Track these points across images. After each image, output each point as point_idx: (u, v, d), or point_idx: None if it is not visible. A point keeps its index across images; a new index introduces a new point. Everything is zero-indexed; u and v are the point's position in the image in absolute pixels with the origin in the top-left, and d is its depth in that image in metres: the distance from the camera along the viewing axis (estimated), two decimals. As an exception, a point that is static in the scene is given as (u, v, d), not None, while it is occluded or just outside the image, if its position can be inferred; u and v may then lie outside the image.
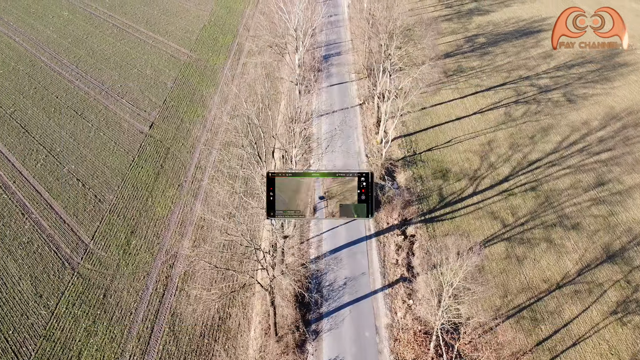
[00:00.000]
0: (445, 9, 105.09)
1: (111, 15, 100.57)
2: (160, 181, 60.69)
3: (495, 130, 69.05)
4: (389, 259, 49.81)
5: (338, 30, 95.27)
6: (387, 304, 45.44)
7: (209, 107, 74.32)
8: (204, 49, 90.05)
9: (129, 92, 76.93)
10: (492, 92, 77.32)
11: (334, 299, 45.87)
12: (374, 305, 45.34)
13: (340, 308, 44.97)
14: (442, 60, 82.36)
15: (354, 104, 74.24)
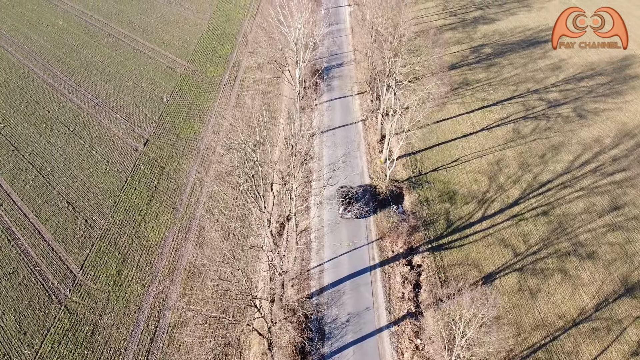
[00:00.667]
0: (449, 18, 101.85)
1: (107, 24, 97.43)
2: (154, 204, 57.57)
3: (503, 148, 65.87)
4: (394, 292, 46.69)
5: (340, 41, 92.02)
6: (393, 344, 42.34)
7: (205, 123, 71.16)
8: (202, 59, 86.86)
9: (124, 106, 73.80)
10: (500, 107, 74.10)
11: (337, 337, 42.77)
12: (379, 346, 42.24)
13: (344, 348, 41.87)
14: (447, 72, 79.12)
15: (357, 120, 71.05)
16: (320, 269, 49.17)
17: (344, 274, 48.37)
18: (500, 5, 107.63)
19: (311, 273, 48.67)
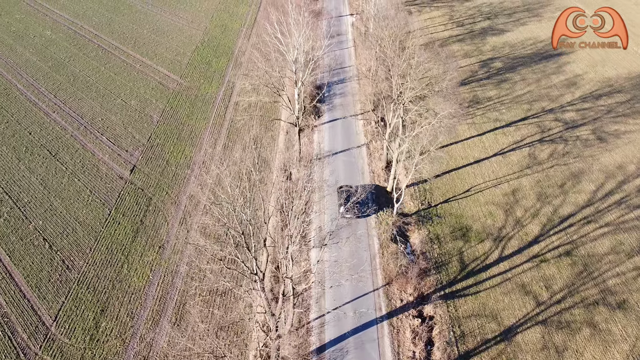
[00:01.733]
0: (456, 28, 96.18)
1: (97, 34, 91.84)
2: (139, 241, 52.05)
3: (519, 176, 60.31)
4: (404, 352, 41.20)
5: (341, 54, 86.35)
6: (403, 417, 36.89)
7: (197, 146, 65.61)
8: (196, 74, 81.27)
9: (111, 127, 68.27)
10: (513, 129, 68.52)
11: (340, 409, 37.36)
12: (388, 419, 36.81)
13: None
14: (456, 89, 73.50)
15: (360, 144, 65.45)
16: (320, 321, 43.67)
17: (348, 328, 42.86)
18: (509, 14, 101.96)
19: (311, 326, 43.20)
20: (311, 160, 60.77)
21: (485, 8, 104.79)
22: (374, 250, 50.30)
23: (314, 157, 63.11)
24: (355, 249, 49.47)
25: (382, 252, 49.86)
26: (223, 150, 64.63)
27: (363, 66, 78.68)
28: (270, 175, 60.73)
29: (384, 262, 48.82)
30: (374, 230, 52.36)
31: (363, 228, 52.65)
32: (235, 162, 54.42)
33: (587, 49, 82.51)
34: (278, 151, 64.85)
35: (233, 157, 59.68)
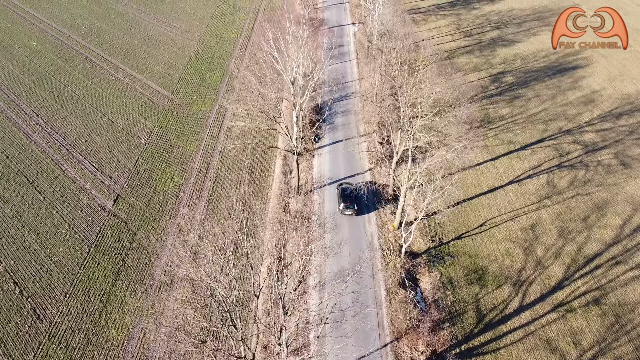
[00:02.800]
0: (464, 39, 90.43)
1: (85, 45, 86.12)
2: (120, 286, 46.49)
3: (538, 207, 54.73)
4: None
5: (343, 68, 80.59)
6: None
7: (187, 172, 59.98)
8: (188, 90, 75.60)
9: (95, 150, 62.66)
10: (529, 152, 62.90)
11: None
12: None
13: None
14: (467, 107, 67.86)
15: (364, 169, 59.81)
16: (321, 387, 38.16)
17: (352, 396, 37.37)
18: (519, 24, 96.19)
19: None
20: (310, 218, 55.00)
21: (493, 17, 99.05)
22: (380, 298, 44.74)
23: (314, 186, 57.51)
24: (358, 293, 43.83)
25: (390, 300, 44.27)
26: (212, 188, 58.97)
27: (366, 81, 73.01)
28: (266, 207, 55.11)
29: (392, 312, 43.25)
30: (380, 273, 46.77)
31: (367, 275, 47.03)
32: (222, 212, 48.94)
33: (586, 49, 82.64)
34: (275, 177, 59.24)
35: (220, 209, 53.88)
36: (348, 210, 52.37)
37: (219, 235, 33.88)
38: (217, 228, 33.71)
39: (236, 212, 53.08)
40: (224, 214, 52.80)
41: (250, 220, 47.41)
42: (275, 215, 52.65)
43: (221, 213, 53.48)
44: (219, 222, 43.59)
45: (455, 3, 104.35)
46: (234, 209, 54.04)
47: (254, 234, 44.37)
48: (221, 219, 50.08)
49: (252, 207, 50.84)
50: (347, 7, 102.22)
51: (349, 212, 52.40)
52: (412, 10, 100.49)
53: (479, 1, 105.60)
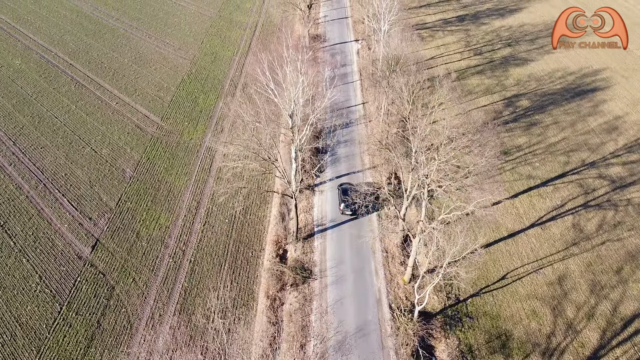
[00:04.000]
0: (474, 57, 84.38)
1: (71, 64, 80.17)
2: (93, 354, 40.36)
3: (564, 256, 48.59)
4: None
5: (346, 90, 74.50)
6: None
7: (175, 213, 53.87)
8: (179, 115, 69.57)
9: (75, 185, 56.67)
10: (551, 189, 56.77)
11: None
12: None
13: None
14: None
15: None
16: None
17: None
18: (532, 40, 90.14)
19: None
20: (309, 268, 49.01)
21: (504, 32, 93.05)
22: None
23: (315, 229, 51.38)
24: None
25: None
26: (202, 232, 52.91)
27: (371, 105, 66.94)
28: (261, 255, 48.95)
29: (404, 390, 37.17)
30: (389, 339, 40.64)
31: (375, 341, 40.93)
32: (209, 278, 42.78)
33: (587, 49, 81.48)
34: (271, 219, 53.11)
35: (210, 262, 47.93)
36: (348, 210, 52.08)
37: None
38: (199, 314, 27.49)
39: (223, 280, 47.07)
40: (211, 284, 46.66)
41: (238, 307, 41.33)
42: (271, 267, 46.46)
43: (209, 279, 47.39)
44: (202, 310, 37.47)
45: (463, 18, 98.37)
46: (221, 280, 47.99)
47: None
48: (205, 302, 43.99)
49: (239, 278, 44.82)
50: (350, 22, 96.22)
51: (350, 211, 52.13)
52: (418, 25, 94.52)
53: (488, 16, 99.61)
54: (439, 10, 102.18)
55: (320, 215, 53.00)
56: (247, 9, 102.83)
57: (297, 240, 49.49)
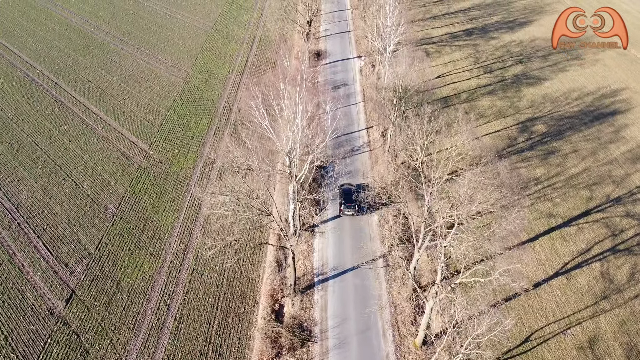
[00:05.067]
0: (484, 76, 78.78)
1: (57, 83, 74.68)
2: None
3: (594, 313, 43.02)
4: None
5: (348, 112, 68.88)
6: None
7: (161, 257, 48.33)
8: (169, 141, 64.05)
9: (52, 224, 51.16)
10: (574, 230, 51.21)
11: None
12: None
13: None
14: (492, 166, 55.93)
15: (376, 254, 48.06)
16: None
17: None
18: (544, 57, 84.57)
19: None
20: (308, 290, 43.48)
21: (514, 48, 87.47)
22: None
23: (315, 278, 45.83)
24: None
25: None
26: (189, 282, 47.35)
27: (375, 131, 61.29)
28: (254, 311, 43.39)
29: None
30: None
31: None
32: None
33: (586, 49, 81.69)
34: (266, 266, 47.54)
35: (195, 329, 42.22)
36: (349, 211, 51.62)
37: None
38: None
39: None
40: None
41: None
42: (265, 327, 40.89)
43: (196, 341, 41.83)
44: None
45: (471, 32, 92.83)
46: (215, 315, 42.42)
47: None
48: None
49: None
50: (352, 37, 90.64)
51: (350, 212, 51.65)
52: (424, 40, 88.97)
53: (498, 29, 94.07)
54: (445, 23, 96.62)
55: (321, 261, 47.45)
56: (245, 21, 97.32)
57: (294, 294, 43.95)
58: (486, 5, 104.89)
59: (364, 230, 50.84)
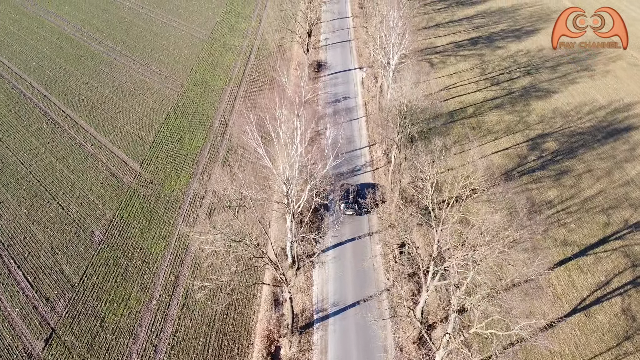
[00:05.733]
0: (491, 88, 75.14)
1: (46, 96, 71.22)
2: None
3: (617, 355, 39.28)
4: None
5: (350, 129, 65.32)
6: None
7: (149, 290, 44.72)
8: (162, 159, 60.48)
9: (34, 253, 47.61)
10: (592, 259, 47.57)
11: None
12: None
13: None
14: (503, 186, 52.26)
15: (379, 287, 44.45)
16: None
17: None
18: (553, 67, 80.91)
19: None
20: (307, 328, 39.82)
21: (521, 58, 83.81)
22: None
23: (315, 315, 42.21)
24: None
25: None
26: (179, 320, 43.72)
27: (378, 148, 57.64)
28: (248, 353, 39.77)
29: None
30: None
31: None
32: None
33: (586, 49, 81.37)
34: (262, 301, 43.90)
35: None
36: (349, 210, 51.38)
37: None
38: None
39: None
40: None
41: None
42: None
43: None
44: None
45: (476, 40, 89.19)
46: None
47: None
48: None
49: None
50: (353, 46, 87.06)
51: (350, 212, 51.42)
52: (427, 49, 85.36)
53: (504, 38, 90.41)
54: (449, 31, 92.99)
55: (321, 296, 43.82)
56: (243, 29, 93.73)
57: (292, 334, 40.35)
58: (491, 12, 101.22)
59: (367, 259, 47.17)
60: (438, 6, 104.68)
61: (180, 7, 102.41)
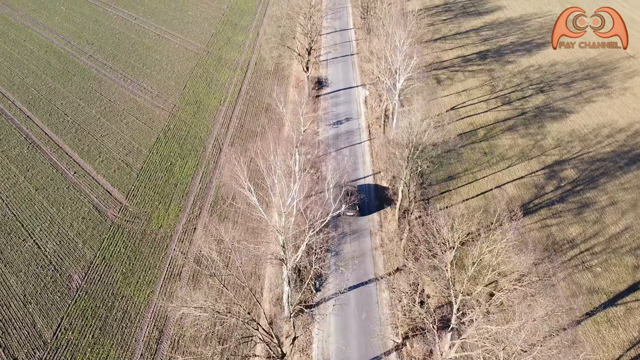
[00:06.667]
0: (502, 107, 70.00)
1: (29, 117, 66.23)
2: None
3: None
4: None
5: (353, 154, 60.25)
6: None
7: (130, 349, 39.69)
8: (149, 190, 55.43)
9: (3, 302, 42.50)
10: (622, 311, 42.46)
11: None
12: None
13: None
14: (516, 222, 47.11)
15: (387, 347, 39.40)
16: None
17: None
18: (567, 84, 75.78)
19: None
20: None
21: (533, 74, 78.65)
22: None
23: (314, 380, 37.14)
24: None
25: None
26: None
27: (383, 179, 52.52)
28: None
29: None
30: None
31: None
32: None
33: (586, 49, 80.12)
34: None
35: None
36: (350, 212, 50.08)
37: None
38: None
39: None
40: None
41: None
42: None
43: None
44: None
45: (485, 54, 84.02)
46: None
47: None
48: None
49: None
50: (355, 61, 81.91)
51: (351, 212, 50.28)
52: (434, 64, 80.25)
53: (514, 51, 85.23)
54: (456, 44, 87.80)
55: (322, 357, 38.71)
56: (240, 42, 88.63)
57: (289, 405, 35.26)
58: (499, 24, 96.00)
59: (372, 310, 42.08)
60: (444, 17, 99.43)
61: (175, 17, 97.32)
